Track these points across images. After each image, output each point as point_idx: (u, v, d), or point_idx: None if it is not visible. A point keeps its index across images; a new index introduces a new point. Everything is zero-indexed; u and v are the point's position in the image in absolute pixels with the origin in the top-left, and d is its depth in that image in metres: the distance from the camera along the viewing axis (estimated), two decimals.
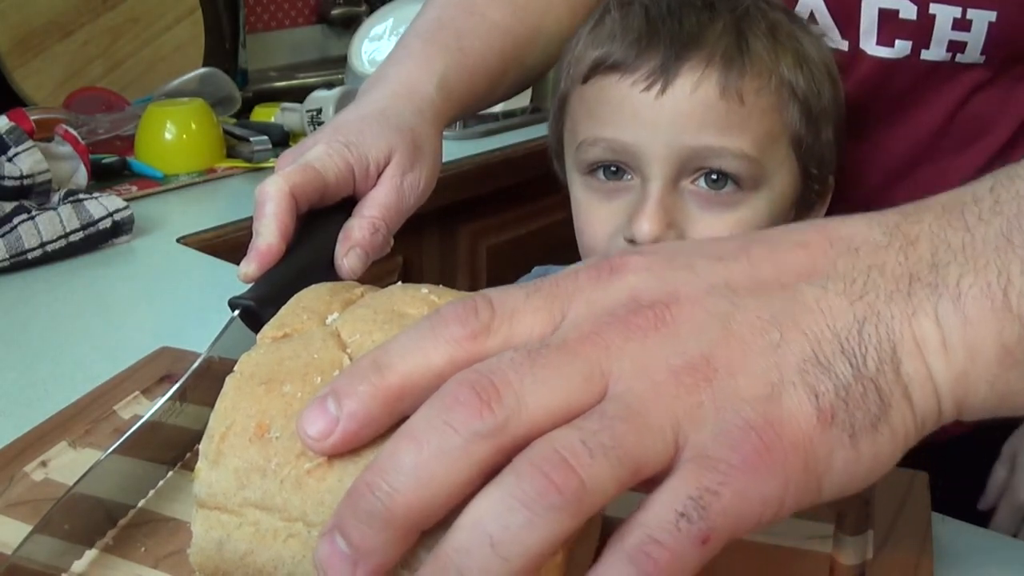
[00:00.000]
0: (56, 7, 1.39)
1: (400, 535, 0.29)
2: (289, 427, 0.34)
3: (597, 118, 0.66)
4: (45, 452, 0.52)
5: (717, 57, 0.63)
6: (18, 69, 1.37)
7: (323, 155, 0.59)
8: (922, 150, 0.74)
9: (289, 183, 0.56)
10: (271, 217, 0.55)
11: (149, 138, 1.22)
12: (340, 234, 0.59)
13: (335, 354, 0.36)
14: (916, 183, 0.74)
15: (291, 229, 0.56)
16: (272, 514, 0.34)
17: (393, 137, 0.62)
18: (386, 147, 0.62)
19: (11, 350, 0.74)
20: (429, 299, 0.39)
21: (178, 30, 1.49)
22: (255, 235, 0.55)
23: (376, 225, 0.60)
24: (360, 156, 0.60)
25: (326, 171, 0.58)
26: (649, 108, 0.63)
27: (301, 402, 0.34)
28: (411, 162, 0.63)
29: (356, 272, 0.59)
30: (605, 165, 0.67)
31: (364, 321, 0.37)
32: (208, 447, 0.35)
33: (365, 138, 0.61)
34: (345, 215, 0.61)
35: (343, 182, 0.60)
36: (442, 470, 0.29)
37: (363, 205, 0.61)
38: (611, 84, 0.65)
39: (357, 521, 0.29)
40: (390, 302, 0.39)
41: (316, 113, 1.28)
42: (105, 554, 0.45)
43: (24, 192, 0.94)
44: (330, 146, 0.60)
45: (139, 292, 0.86)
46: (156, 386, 0.60)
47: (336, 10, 1.91)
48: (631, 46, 0.64)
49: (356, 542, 0.29)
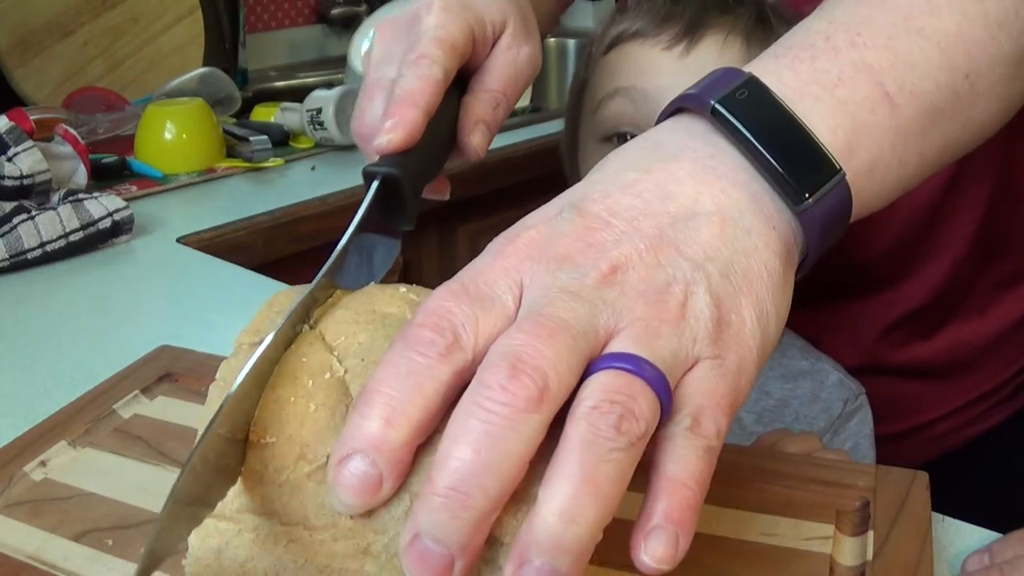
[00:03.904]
0: (56, 7, 1.39)
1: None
2: (284, 431, 0.34)
3: (618, 74, 0.67)
4: (45, 452, 0.52)
5: (739, 27, 0.64)
6: (18, 69, 1.37)
7: (447, 21, 0.51)
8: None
9: (444, 52, 0.49)
10: (426, 84, 0.48)
11: (149, 138, 1.22)
12: (461, 111, 0.53)
13: (323, 356, 0.36)
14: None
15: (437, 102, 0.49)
16: (272, 519, 0.34)
17: (505, 4, 0.56)
18: (500, 14, 0.55)
19: (11, 350, 0.74)
20: (408, 297, 0.38)
21: (178, 30, 1.49)
22: (399, 101, 0.47)
23: (498, 100, 0.54)
24: (478, 19, 0.53)
25: (455, 39, 0.51)
26: (673, 63, 0.64)
27: (294, 406, 0.34)
28: (526, 33, 0.56)
29: (482, 150, 0.53)
30: (620, 134, 0.67)
31: (347, 323, 0.37)
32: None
33: (478, 1, 0.54)
34: (460, 89, 0.54)
35: (466, 49, 0.52)
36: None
37: (482, 78, 0.54)
38: (634, 47, 0.66)
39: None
40: (370, 302, 0.38)
41: (316, 113, 1.28)
42: (105, 554, 0.45)
43: (24, 192, 0.94)
44: (448, 10, 0.52)
45: (139, 292, 0.86)
46: (156, 384, 0.60)
47: (336, 10, 1.91)
48: (654, 18, 0.66)
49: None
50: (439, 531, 0.29)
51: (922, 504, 0.46)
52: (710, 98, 0.38)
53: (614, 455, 0.29)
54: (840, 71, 0.39)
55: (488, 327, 0.32)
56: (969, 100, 0.42)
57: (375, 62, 0.53)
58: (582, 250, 0.34)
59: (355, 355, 0.35)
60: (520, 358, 0.30)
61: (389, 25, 0.54)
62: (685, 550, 0.30)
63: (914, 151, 0.41)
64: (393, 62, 0.51)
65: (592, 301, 0.32)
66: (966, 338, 0.79)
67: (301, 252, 1.09)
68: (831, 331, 0.79)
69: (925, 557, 0.42)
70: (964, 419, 0.82)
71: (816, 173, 0.37)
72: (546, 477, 0.29)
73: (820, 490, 0.48)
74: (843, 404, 0.70)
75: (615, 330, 0.32)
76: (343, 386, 0.35)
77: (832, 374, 0.71)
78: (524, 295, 0.33)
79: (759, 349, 0.35)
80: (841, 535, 0.45)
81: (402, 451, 0.31)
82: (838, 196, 0.38)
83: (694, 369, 0.33)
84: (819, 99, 0.38)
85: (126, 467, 0.52)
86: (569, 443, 0.29)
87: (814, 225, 0.37)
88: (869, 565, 0.43)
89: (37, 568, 0.44)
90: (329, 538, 0.33)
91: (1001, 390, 0.81)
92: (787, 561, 0.44)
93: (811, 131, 0.38)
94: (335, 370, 0.35)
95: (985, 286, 0.78)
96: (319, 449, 0.33)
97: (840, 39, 0.40)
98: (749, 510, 0.47)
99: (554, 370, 0.30)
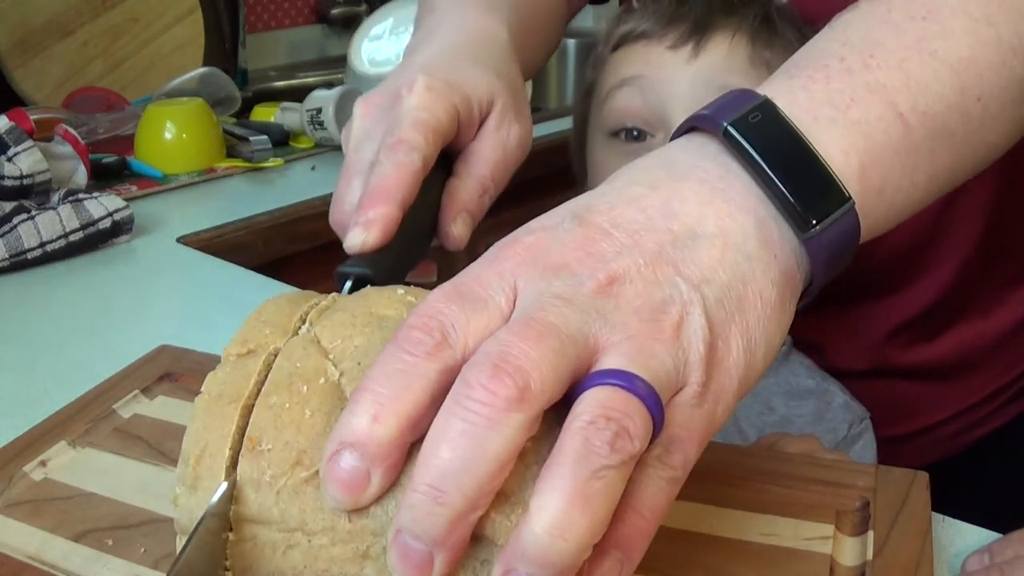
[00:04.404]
0: (56, 7, 1.39)
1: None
2: (280, 438, 0.34)
3: (626, 67, 0.67)
4: (45, 452, 0.52)
5: (745, 27, 0.65)
6: (18, 69, 1.37)
7: (430, 102, 0.48)
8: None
9: (424, 138, 0.47)
10: (403, 175, 0.45)
11: (149, 138, 1.22)
12: (444, 196, 0.50)
13: (318, 361, 0.36)
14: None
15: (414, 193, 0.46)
16: (269, 527, 0.34)
17: (493, 80, 0.53)
18: (488, 92, 0.52)
19: (11, 350, 0.74)
20: (406, 300, 0.38)
21: (178, 30, 1.49)
22: (374, 194, 0.45)
23: (485, 187, 0.52)
24: (464, 99, 0.50)
25: (438, 121, 0.48)
26: (679, 61, 0.65)
27: (289, 412, 0.34)
28: (516, 111, 0.54)
29: (463, 241, 0.51)
30: (628, 129, 0.67)
31: (343, 326, 0.37)
32: (184, 472, 0.35)
33: (466, 78, 0.51)
34: (444, 171, 0.51)
35: (450, 131, 0.50)
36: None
37: (468, 162, 0.52)
38: (640, 46, 0.67)
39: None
40: (367, 305, 0.38)
41: (316, 112, 1.28)
42: (105, 554, 0.45)
43: (24, 192, 0.94)
44: (432, 89, 0.49)
45: (139, 292, 0.86)
46: (156, 384, 0.60)
47: (336, 10, 1.91)
48: (660, 19, 0.66)
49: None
50: (418, 527, 0.29)
51: (922, 504, 0.46)
52: (723, 119, 0.38)
53: (605, 472, 0.29)
54: (853, 92, 0.39)
55: (479, 327, 0.32)
56: (980, 122, 0.42)
57: (354, 143, 0.50)
58: (580, 259, 0.34)
59: (351, 358, 0.35)
60: (504, 358, 0.30)
61: (371, 102, 0.51)
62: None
63: (924, 171, 0.41)
64: (373, 143, 0.48)
65: (585, 309, 0.32)
66: (971, 340, 0.79)
67: (301, 252, 1.09)
68: (836, 335, 0.79)
69: (925, 557, 0.42)
70: (969, 421, 0.82)
71: (825, 201, 0.37)
72: (538, 486, 0.29)
73: (820, 490, 0.48)
74: (848, 427, 0.70)
75: (607, 342, 0.32)
76: (339, 390, 0.35)
77: (838, 396, 0.71)
78: (518, 299, 0.33)
79: (740, 380, 0.35)
80: (841, 535, 0.45)
81: (389, 447, 0.31)
82: (846, 224, 0.38)
83: (678, 394, 0.33)
84: (832, 120, 0.38)
85: (126, 467, 0.52)
86: (562, 455, 0.29)
87: (820, 252, 0.37)
88: (869, 565, 0.43)
89: (37, 568, 0.44)
90: (328, 542, 0.33)
91: (1007, 390, 0.81)
92: (787, 561, 0.44)
93: (823, 158, 0.37)
94: (330, 374, 0.35)
95: (989, 288, 0.78)
96: (316, 455, 0.33)
97: (854, 60, 0.40)
98: (749, 510, 0.47)
99: (537, 371, 0.30)
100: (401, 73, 0.51)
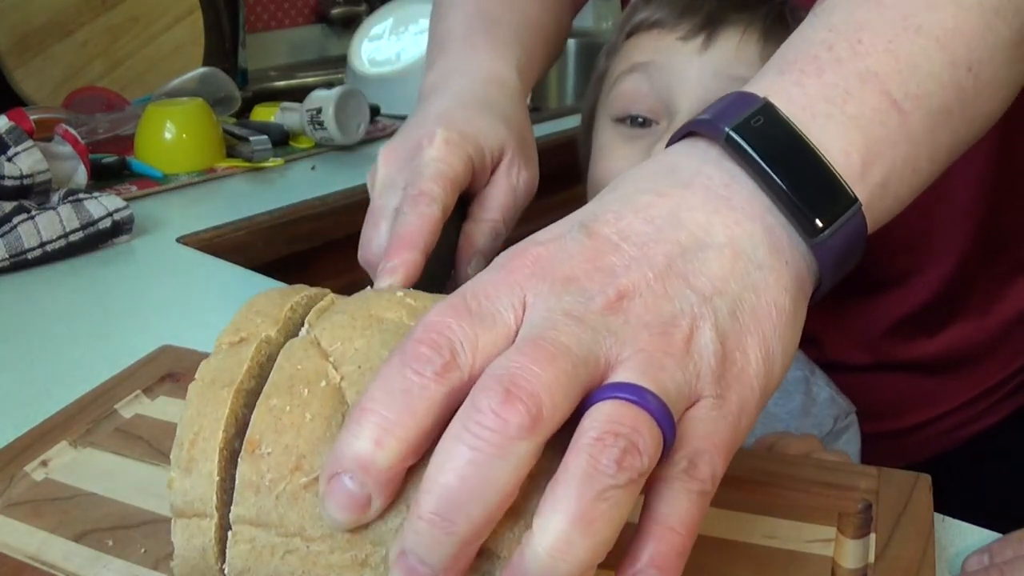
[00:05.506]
0: (56, 7, 1.39)
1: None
2: (280, 442, 0.34)
3: (638, 53, 0.68)
4: (45, 452, 0.52)
5: (757, 23, 0.65)
6: (18, 69, 1.37)
7: (448, 154, 0.52)
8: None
9: (443, 189, 0.50)
10: (425, 223, 0.48)
11: (149, 138, 1.22)
12: (461, 239, 0.55)
13: (318, 363, 0.35)
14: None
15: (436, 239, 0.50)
16: (268, 530, 0.34)
17: (503, 130, 0.57)
18: (499, 141, 0.56)
19: (11, 350, 0.74)
20: (405, 302, 0.38)
21: (178, 30, 1.49)
22: (399, 242, 0.48)
23: (497, 229, 0.56)
24: (477, 149, 0.54)
25: (456, 172, 0.52)
26: (690, 52, 0.65)
27: (290, 416, 0.34)
28: (524, 158, 0.58)
29: None
30: (633, 116, 0.67)
31: (343, 328, 0.37)
32: (179, 455, 0.35)
33: (479, 130, 0.55)
34: (460, 213, 0.55)
35: (465, 180, 0.54)
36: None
37: (481, 207, 0.56)
38: (653, 34, 0.67)
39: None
40: (366, 307, 0.38)
41: (316, 113, 1.28)
42: (105, 554, 0.45)
43: (24, 192, 0.94)
44: (450, 143, 0.53)
45: (139, 292, 0.86)
46: (157, 384, 0.59)
47: (336, 10, 1.91)
48: (673, 10, 0.66)
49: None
50: (424, 552, 0.29)
51: (925, 507, 0.46)
52: (724, 124, 0.37)
53: (612, 493, 0.28)
54: (847, 84, 0.39)
55: (487, 345, 0.32)
56: (974, 93, 0.42)
57: (379, 189, 0.54)
58: (589, 273, 0.33)
59: (351, 362, 0.35)
60: (515, 382, 0.29)
61: (393, 151, 0.55)
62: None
63: (925, 156, 0.41)
64: (396, 190, 0.52)
65: (596, 328, 0.32)
66: (971, 333, 0.79)
67: (301, 252, 1.09)
68: (836, 329, 0.79)
69: (927, 560, 0.42)
70: (969, 415, 0.82)
71: (832, 205, 0.37)
72: (542, 504, 0.29)
73: (822, 492, 0.48)
74: (833, 421, 0.70)
75: (617, 360, 0.32)
76: (339, 394, 0.34)
77: (824, 390, 0.71)
78: (526, 314, 0.33)
79: (762, 390, 0.34)
80: (843, 537, 0.45)
81: (391, 472, 0.31)
82: (853, 226, 0.37)
83: (695, 407, 0.32)
84: (830, 117, 0.38)
85: (127, 467, 0.52)
86: (568, 474, 0.29)
87: (828, 256, 0.37)
88: (871, 568, 0.43)
89: (37, 568, 0.44)
90: (327, 549, 0.33)
91: (1007, 384, 0.81)
92: (788, 564, 0.44)
93: (827, 161, 0.37)
94: (331, 378, 0.35)
95: (989, 281, 0.78)
96: (315, 460, 0.33)
97: (842, 48, 0.40)
98: (751, 512, 0.46)
99: (549, 396, 0.29)
100: (420, 123, 0.55)
